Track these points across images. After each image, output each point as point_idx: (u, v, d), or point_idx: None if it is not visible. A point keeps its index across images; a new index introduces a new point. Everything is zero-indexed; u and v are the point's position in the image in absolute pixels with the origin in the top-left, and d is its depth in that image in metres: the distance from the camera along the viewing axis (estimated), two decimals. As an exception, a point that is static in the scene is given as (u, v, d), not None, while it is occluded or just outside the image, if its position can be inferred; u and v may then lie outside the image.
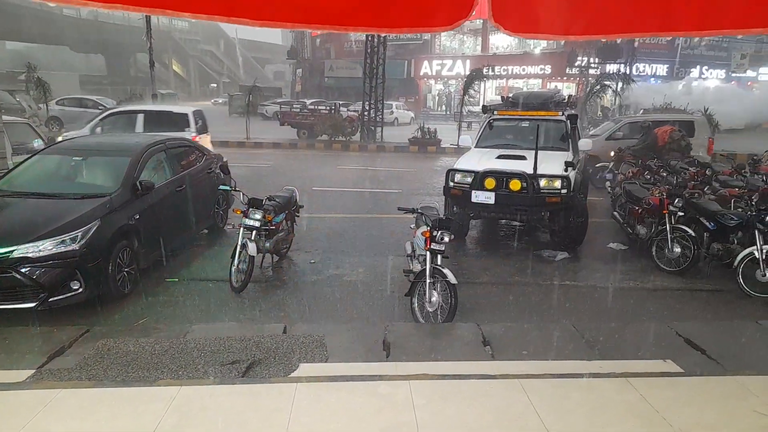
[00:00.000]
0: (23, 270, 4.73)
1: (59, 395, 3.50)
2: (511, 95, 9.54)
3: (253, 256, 5.82)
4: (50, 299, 4.85)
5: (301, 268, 6.76)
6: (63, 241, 4.93)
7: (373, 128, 21.91)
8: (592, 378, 3.85)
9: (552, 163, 7.21)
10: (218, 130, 17.65)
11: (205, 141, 11.58)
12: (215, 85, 63.46)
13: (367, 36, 21.50)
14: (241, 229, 5.89)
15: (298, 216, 7.17)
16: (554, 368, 4.01)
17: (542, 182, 7.00)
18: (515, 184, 6.99)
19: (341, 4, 1.52)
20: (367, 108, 21.73)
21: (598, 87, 24.91)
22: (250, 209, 5.95)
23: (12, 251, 4.75)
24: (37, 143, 8.73)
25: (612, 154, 11.88)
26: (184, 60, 66.18)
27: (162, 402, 3.42)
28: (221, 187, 7.22)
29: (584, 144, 8.36)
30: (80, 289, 4.99)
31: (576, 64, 32.32)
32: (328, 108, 23.74)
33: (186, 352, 4.18)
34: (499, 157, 7.71)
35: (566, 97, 9.64)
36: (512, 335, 4.70)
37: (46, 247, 4.85)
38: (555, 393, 3.64)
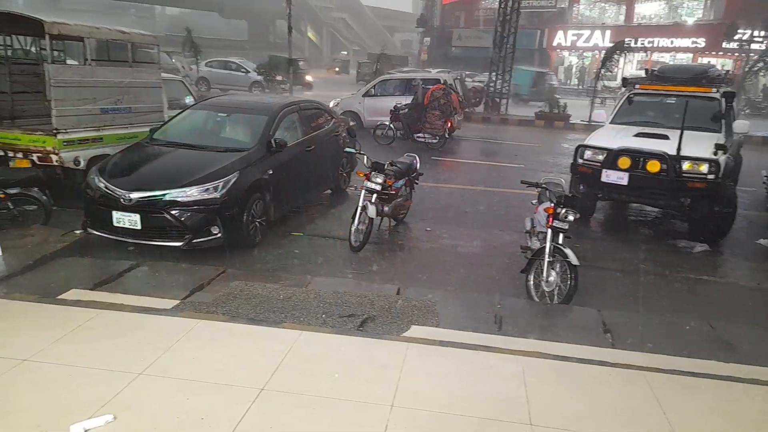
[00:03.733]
0: (173, 212, 5.30)
1: (198, 325, 3.90)
2: (656, 68, 8.71)
3: (373, 219, 5.99)
4: (194, 240, 5.39)
5: (416, 235, 6.83)
6: (207, 189, 5.42)
7: (498, 100, 21.23)
8: (730, 381, 3.51)
9: (699, 145, 6.51)
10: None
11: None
12: (345, 52, 64.87)
13: (500, 2, 20.63)
14: (363, 191, 6.06)
15: (417, 183, 7.22)
16: (685, 365, 3.69)
17: (685, 165, 6.36)
18: (653, 165, 6.42)
19: None
20: (494, 79, 21.05)
21: (761, 64, 21.93)
22: (373, 173, 6.09)
23: (164, 195, 5.33)
24: (189, 99, 9.56)
25: (390, 111, 13.04)
26: (318, 27, 68.36)
27: (285, 343, 3.68)
28: (347, 149, 7.45)
29: (740, 126, 7.43)
30: (219, 234, 5.48)
31: (735, 38, 28.47)
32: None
33: (307, 301, 4.44)
34: (638, 135, 7.11)
35: (723, 73, 8.60)
36: (637, 326, 4.40)
37: (192, 193, 5.37)
38: (683, 391, 3.36)
